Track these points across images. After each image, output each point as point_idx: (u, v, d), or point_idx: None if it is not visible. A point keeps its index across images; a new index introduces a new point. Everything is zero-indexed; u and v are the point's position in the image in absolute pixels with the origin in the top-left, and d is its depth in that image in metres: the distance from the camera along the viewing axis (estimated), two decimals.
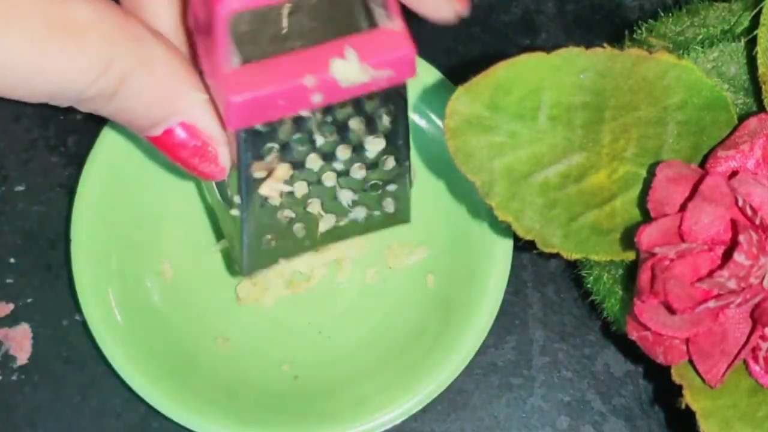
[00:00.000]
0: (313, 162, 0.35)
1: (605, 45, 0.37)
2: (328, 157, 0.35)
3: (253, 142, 0.33)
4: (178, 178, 0.45)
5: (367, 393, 0.44)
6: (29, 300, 0.47)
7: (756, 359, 0.37)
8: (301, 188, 0.36)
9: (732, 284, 0.35)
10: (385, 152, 0.36)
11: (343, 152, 0.35)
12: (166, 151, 0.32)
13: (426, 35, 0.51)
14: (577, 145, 0.38)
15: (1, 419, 0.46)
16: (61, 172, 0.49)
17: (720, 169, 0.37)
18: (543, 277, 0.48)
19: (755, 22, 0.39)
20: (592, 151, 0.38)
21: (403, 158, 0.37)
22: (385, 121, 0.35)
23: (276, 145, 0.33)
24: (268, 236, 0.36)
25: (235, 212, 0.36)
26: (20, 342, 0.47)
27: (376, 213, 0.38)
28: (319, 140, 0.34)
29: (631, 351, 0.45)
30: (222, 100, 0.31)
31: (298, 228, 0.37)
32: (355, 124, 0.35)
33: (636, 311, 0.36)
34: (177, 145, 0.32)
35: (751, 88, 0.40)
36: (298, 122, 0.33)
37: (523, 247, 0.39)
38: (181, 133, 0.31)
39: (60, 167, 0.49)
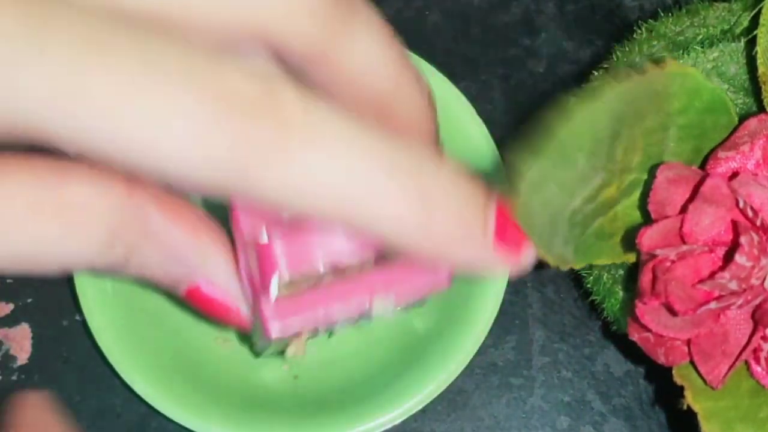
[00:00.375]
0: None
1: (610, 47, 0.37)
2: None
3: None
4: None
5: (367, 393, 0.44)
6: (29, 300, 0.47)
7: (757, 360, 0.37)
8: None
9: (733, 285, 0.35)
10: None
11: None
12: (196, 306, 0.32)
13: (426, 35, 0.51)
14: (600, 168, 0.37)
15: (2, 419, 0.46)
16: None
17: (720, 170, 0.37)
18: (543, 277, 0.48)
19: (755, 22, 0.39)
20: (608, 171, 0.37)
21: None
22: None
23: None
24: None
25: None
26: (20, 342, 0.47)
27: None
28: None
29: (631, 351, 0.45)
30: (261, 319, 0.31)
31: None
32: None
33: (637, 313, 0.36)
34: (204, 301, 0.31)
35: (751, 88, 0.40)
36: None
37: None
38: (206, 290, 0.31)
39: None
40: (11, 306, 0.47)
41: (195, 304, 0.32)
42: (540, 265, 0.44)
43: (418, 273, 0.31)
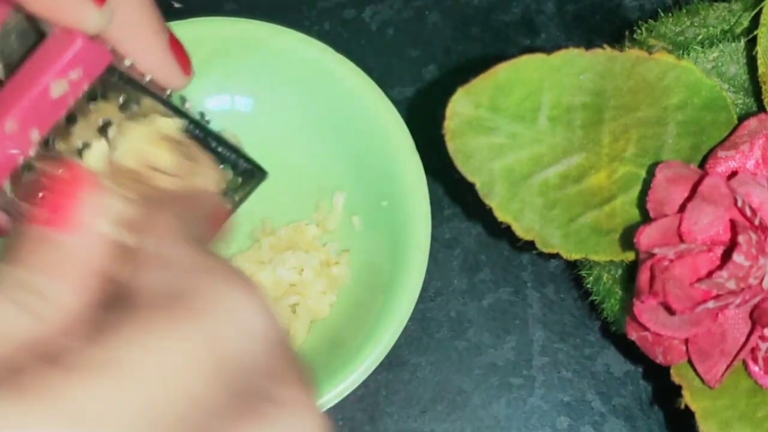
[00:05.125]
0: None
1: (605, 45, 0.37)
2: None
3: None
4: None
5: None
6: None
7: (755, 360, 0.37)
8: None
9: (731, 285, 0.35)
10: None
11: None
12: None
13: (426, 35, 0.51)
14: (576, 146, 0.38)
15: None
16: None
17: (719, 169, 0.37)
18: (543, 277, 0.48)
19: (755, 22, 0.39)
20: (592, 152, 0.38)
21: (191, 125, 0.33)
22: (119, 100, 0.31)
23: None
24: None
25: None
26: None
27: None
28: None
29: (630, 351, 0.45)
30: None
31: None
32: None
33: (635, 311, 0.36)
34: None
35: (751, 88, 0.40)
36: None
37: (523, 247, 0.39)
38: None
39: None
40: None
41: None
42: (540, 255, 0.45)
43: (55, 49, 0.29)
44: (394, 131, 0.44)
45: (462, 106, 0.36)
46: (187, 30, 0.37)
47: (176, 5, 0.51)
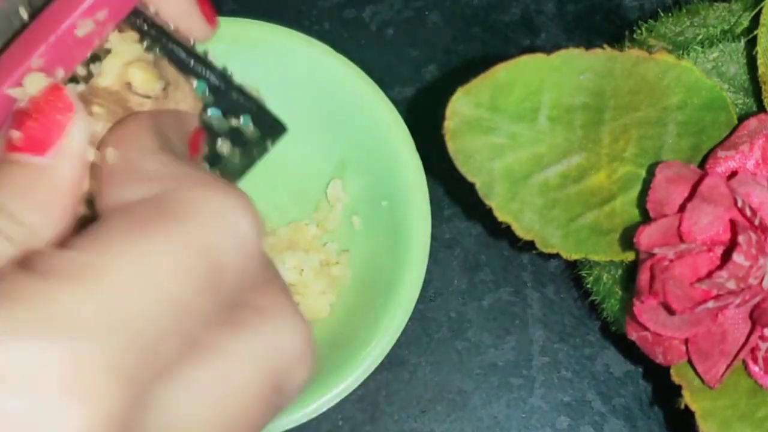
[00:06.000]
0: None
1: (605, 45, 0.37)
2: None
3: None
4: None
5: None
6: None
7: (755, 360, 0.37)
8: None
9: (731, 285, 0.35)
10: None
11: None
12: None
13: (426, 35, 0.51)
14: (576, 146, 0.38)
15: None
16: None
17: (719, 169, 0.37)
18: (543, 277, 0.48)
19: (755, 22, 0.39)
20: (592, 152, 0.38)
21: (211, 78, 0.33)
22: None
23: None
24: None
25: None
26: None
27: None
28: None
29: (630, 351, 0.45)
30: None
31: None
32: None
33: (635, 311, 0.36)
34: None
35: (751, 88, 0.40)
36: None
37: (523, 247, 0.39)
38: None
39: None
40: None
41: None
42: (540, 255, 0.45)
43: None
44: (394, 131, 0.44)
45: (462, 106, 0.36)
46: None
47: None
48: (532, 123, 0.37)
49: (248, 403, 0.22)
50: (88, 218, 0.26)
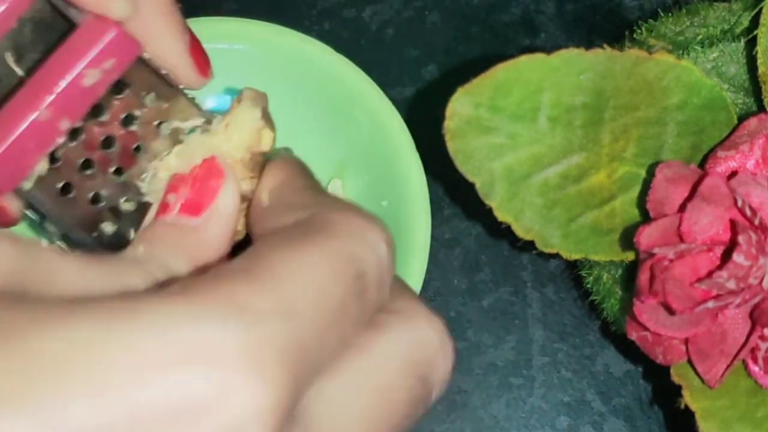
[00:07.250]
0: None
1: (605, 45, 0.37)
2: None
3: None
4: None
5: None
6: None
7: (755, 359, 0.37)
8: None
9: (731, 285, 0.35)
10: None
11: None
12: None
13: (426, 35, 0.51)
14: (576, 146, 0.38)
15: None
16: None
17: (719, 169, 0.37)
18: (543, 277, 0.48)
19: (755, 22, 0.39)
20: (592, 152, 0.38)
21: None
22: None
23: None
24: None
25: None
26: None
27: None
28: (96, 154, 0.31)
29: (630, 351, 0.45)
30: None
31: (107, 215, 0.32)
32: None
33: (635, 311, 0.36)
34: None
35: (751, 88, 0.40)
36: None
37: (523, 247, 0.39)
38: None
39: None
40: None
41: None
42: (540, 255, 0.45)
43: (89, 37, 0.29)
44: (394, 131, 0.44)
45: (462, 106, 0.36)
46: None
47: None
48: (531, 123, 0.37)
49: (398, 396, 0.24)
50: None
